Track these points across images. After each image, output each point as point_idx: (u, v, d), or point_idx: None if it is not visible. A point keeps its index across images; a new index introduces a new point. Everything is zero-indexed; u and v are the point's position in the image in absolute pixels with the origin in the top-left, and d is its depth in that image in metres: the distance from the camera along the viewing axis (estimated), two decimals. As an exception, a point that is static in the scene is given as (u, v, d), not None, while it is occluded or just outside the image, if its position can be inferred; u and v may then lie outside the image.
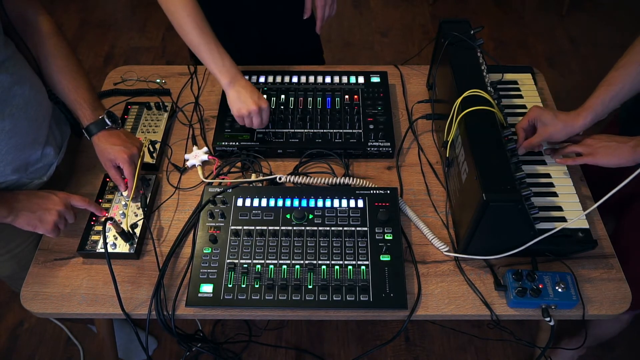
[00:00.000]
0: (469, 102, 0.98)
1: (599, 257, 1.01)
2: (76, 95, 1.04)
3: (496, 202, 0.82)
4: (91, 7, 3.18)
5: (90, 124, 1.05)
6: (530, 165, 1.10)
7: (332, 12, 1.33)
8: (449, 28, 1.15)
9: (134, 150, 1.06)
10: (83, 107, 1.04)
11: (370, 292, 0.93)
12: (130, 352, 1.66)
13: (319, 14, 1.30)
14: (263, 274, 0.95)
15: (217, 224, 1.02)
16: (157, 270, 0.99)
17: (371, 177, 1.16)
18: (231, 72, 1.10)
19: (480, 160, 0.88)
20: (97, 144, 1.05)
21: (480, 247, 0.95)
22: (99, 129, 1.05)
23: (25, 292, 0.98)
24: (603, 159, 0.99)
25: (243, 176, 1.16)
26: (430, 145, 1.22)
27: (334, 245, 0.98)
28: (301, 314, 0.96)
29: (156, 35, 2.99)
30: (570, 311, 0.94)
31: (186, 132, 1.26)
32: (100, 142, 1.05)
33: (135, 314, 0.95)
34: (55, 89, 1.05)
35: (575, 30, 2.95)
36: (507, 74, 1.27)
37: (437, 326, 1.77)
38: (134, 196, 1.07)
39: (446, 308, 0.95)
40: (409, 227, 1.06)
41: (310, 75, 1.32)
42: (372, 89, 1.28)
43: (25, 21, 1.01)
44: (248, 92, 1.10)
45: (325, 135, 1.18)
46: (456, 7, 3.18)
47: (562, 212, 1.01)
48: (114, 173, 1.05)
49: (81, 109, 1.04)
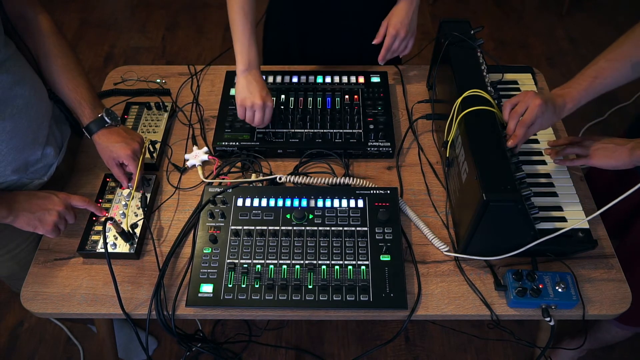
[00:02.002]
0: (469, 102, 0.98)
1: (599, 257, 1.01)
2: (76, 94, 1.04)
3: (496, 202, 0.82)
4: (91, 7, 3.18)
5: (90, 123, 1.05)
6: (530, 165, 1.10)
7: (404, 49, 1.23)
8: (449, 28, 1.15)
9: (135, 146, 1.06)
10: (82, 106, 1.04)
11: (370, 292, 0.93)
12: (130, 352, 1.66)
13: (386, 43, 1.20)
14: (263, 274, 0.95)
15: (217, 224, 1.02)
16: (157, 270, 0.99)
17: (371, 177, 1.16)
18: (251, 61, 1.10)
19: (480, 160, 0.88)
20: (98, 142, 1.05)
21: (480, 247, 0.95)
22: (99, 127, 1.05)
23: (25, 292, 0.98)
24: (601, 160, 0.98)
25: (243, 176, 1.16)
26: (430, 145, 1.22)
27: (334, 245, 0.98)
28: (301, 314, 0.96)
29: (156, 35, 2.99)
30: (570, 311, 0.94)
31: (186, 132, 1.26)
32: (101, 141, 1.05)
33: (135, 314, 0.95)
34: (55, 88, 1.05)
35: (575, 30, 2.96)
36: (507, 74, 1.27)
37: (437, 326, 1.77)
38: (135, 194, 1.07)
39: (446, 308, 0.95)
40: (409, 227, 1.06)
41: (310, 75, 1.31)
42: (372, 89, 1.28)
43: (24, 20, 1.01)
44: (258, 85, 1.10)
45: (325, 135, 1.18)
46: (456, 7, 3.18)
47: (562, 212, 1.01)
48: (117, 170, 1.06)
49: (81, 108, 1.04)
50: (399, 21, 1.18)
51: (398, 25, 1.18)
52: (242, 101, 1.11)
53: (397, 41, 1.20)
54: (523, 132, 0.94)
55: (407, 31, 1.19)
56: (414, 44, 1.24)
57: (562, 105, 0.96)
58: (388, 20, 1.20)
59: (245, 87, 1.10)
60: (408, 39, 1.21)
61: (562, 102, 0.96)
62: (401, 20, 1.18)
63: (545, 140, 1.14)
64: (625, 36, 0.96)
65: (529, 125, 0.94)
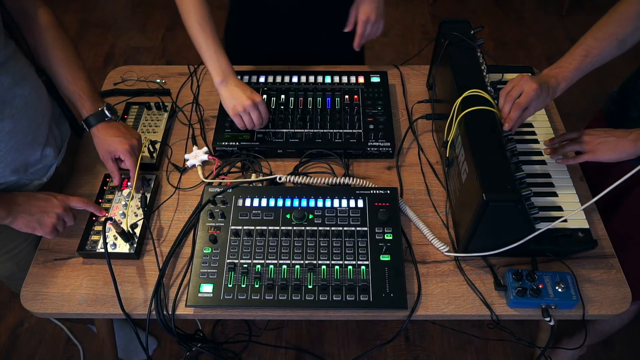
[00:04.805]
0: (469, 102, 0.98)
1: (599, 257, 1.01)
2: (75, 87, 1.04)
3: (496, 202, 0.82)
4: (91, 7, 3.18)
5: (89, 116, 1.05)
6: (530, 165, 1.10)
7: (376, 31, 1.26)
8: (449, 28, 1.15)
9: (133, 142, 1.06)
10: (82, 99, 1.04)
11: (370, 292, 0.93)
12: (130, 352, 1.66)
13: (359, 30, 1.23)
14: (263, 274, 0.95)
15: (217, 224, 1.02)
16: (157, 270, 0.99)
17: (371, 177, 1.16)
18: (224, 71, 1.10)
19: (480, 160, 0.88)
20: (96, 135, 1.05)
21: (480, 247, 0.95)
22: (98, 120, 1.05)
23: (25, 292, 0.98)
24: (604, 155, 0.99)
25: (243, 176, 1.16)
26: (430, 145, 1.22)
27: (334, 245, 0.98)
28: (301, 314, 0.96)
29: (156, 35, 2.99)
30: (570, 311, 0.94)
31: (186, 132, 1.26)
32: (100, 134, 1.05)
33: (135, 314, 0.95)
34: (55, 81, 1.05)
35: (575, 30, 2.96)
36: (507, 74, 1.27)
37: (437, 326, 1.77)
38: (135, 194, 1.07)
39: (446, 308, 0.95)
40: (409, 227, 1.06)
41: (310, 75, 1.31)
42: (372, 89, 1.28)
43: (24, 14, 1.01)
44: (240, 89, 1.10)
45: (325, 135, 1.18)
46: (456, 7, 3.18)
47: (562, 212, 1.01)
48: (112, 165, 1.06)
49: (80, 101, 1.05)
50: (367, 6, 1.21)
51: (368, 11, 1.21)
52: (234, 110, 1.11)
53: (369, 26, 1.23)
54: (518, 114, 0.96)
55: (377, 14, 1.22)
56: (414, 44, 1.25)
57: (556, 86, 0.99)
58: (356, 8, 1.23)
59: (229, 97, 1.10)
60: (379, 21, 1.24)
61: (556, 83, 0.98)
62: (369, 4, 1.21)
63: (545, 140, 1.14)
64: (609, 15, 1.00)
65: (524, 108, 0.96)
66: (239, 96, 1.09)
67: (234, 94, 1.10)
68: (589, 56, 0.98)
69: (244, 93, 1.10)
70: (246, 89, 1.11)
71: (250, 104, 1.10)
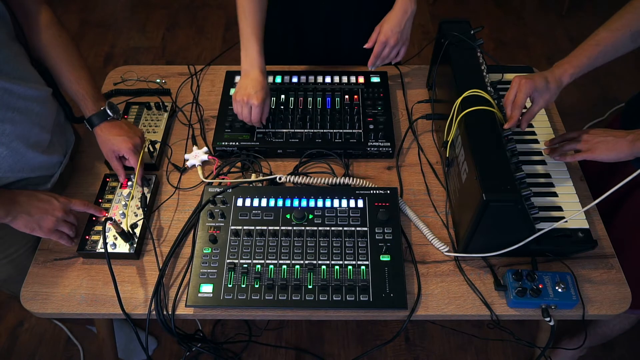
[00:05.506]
0: (469, 102, 0.98)
1: (599, 257, 1.01)
2: (78, 87, 1.04)
3: (496, 202, 0.82)
4: (91, 7, 3.18)
5: (92, 115, 1.05)
6: (530, 165, 1.10)
7: (394, 56, 1.19)
8: (449, 28, 1.15)
9: (136, 140, 1.07)
10: (85, 99, 1.05)
11: (370, 292, 0.93)
12: (130, 352, 1.66)
13: (375, 50, 1.17)
14: (263, 274, 0.95)
15: (217, 224, 1.02)
16: (157, 270, 0.99)
17: (371, 177, 1.16)
18: (251, 62, 1.12)
19: (480, 160, 0.88)
20: (100, 134, 1.06)
21: (480, 247, 0.95)
22: (101, 120, 1.06)
23: (25, 292, 0.98)
24: (602, 154, 0.99)
25: (243, 176, 1.16)
26: (430, 145, 1.22)
27: (333, 245, 0.98)
28: (301, 314, 0.96)
29: (156, 35, 2.99)
30: (570, 311, 0.94)
31: (186, 132, 1.26)
32: (103, 133, 1.05)
33: (135, 314, 0.95)
34: (57, 80, 1.05)
35: (575, 30, 2.95)
36: (507, 74, 1.27)
37: (437, 326, 1.77)
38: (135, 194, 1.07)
39: (446, 308, 0.95)
40: (409, 227, 1.06)
41: (310, 75, 1.32)
42: (372, 89, 1.28)
43: (25, 13, 1.01)
44: (253, 83, 1.11)
45: (325, 135, 1.18)
46: (456, 7, 3.18)
47: (562, 212, 1.01)
48: (116, 164, 1.07)
49: (83, 100, 1.05)
50: (389, 28, 1.15)
51: (389, 33, 1.15)
52: (236, 96, 1.12)
53: (387, 48, 1.17)
54: (517, 113, 0.98)
55: (398, 39, 1.16)
56: (414, 44, 1.23)
57: (561, 74, 0.99)
58: (380, 26, 1.17)
59: (241, 84, 1.12)
60: (399, 47, 1.18)
61: (562, 70, 0.99)
62: (392, 28, 1.15)
63: (545, 140, 1.14)
64: (623, 9, 1.00)
65: (521, 106, 0.98)
66: (248, 88, 1.10)
67: (245, 84, 1.11)
68: (601, 45, 0.98)
69: (253, 88, 1.10)
70: (258, 87, 1.11)
71: (251, 100, 1.10)
